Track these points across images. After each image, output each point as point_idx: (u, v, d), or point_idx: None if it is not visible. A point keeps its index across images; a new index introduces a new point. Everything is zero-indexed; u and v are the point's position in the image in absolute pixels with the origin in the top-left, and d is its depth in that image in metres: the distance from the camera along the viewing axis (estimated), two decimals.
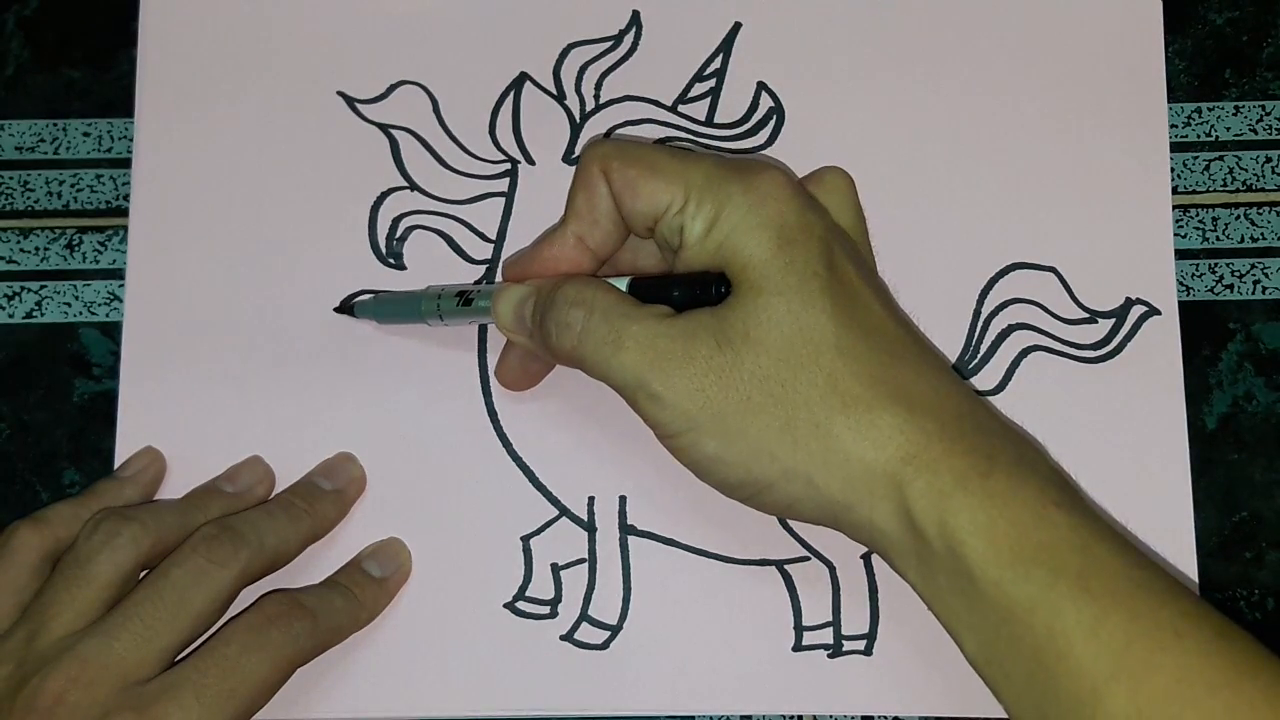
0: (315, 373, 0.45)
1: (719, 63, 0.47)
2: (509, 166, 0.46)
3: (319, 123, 0.47)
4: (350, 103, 0.47)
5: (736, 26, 0.47)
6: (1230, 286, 0.46)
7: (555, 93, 0.47)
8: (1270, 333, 0.46)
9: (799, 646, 0.43)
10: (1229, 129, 0.47)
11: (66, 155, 0.48)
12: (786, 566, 0.43)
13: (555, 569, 0.43)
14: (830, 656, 0.43)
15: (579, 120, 0.47)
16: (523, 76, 0.47)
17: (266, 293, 0.45)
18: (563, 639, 0.43)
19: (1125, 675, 0.33)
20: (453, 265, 0.46)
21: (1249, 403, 0.45)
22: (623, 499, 0.44)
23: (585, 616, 0.43)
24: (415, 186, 0.46)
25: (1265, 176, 0.47)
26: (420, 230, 0.46)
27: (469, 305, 0.42)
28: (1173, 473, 0.44)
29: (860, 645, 0.43)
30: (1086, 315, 0.45)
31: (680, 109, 0.47)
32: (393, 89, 0.47)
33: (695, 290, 0.38)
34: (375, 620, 0.42)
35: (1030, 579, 0.34)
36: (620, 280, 0.39)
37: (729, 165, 0.38)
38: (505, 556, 0.43)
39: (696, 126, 0.46)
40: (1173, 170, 0.46)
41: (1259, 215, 0.47)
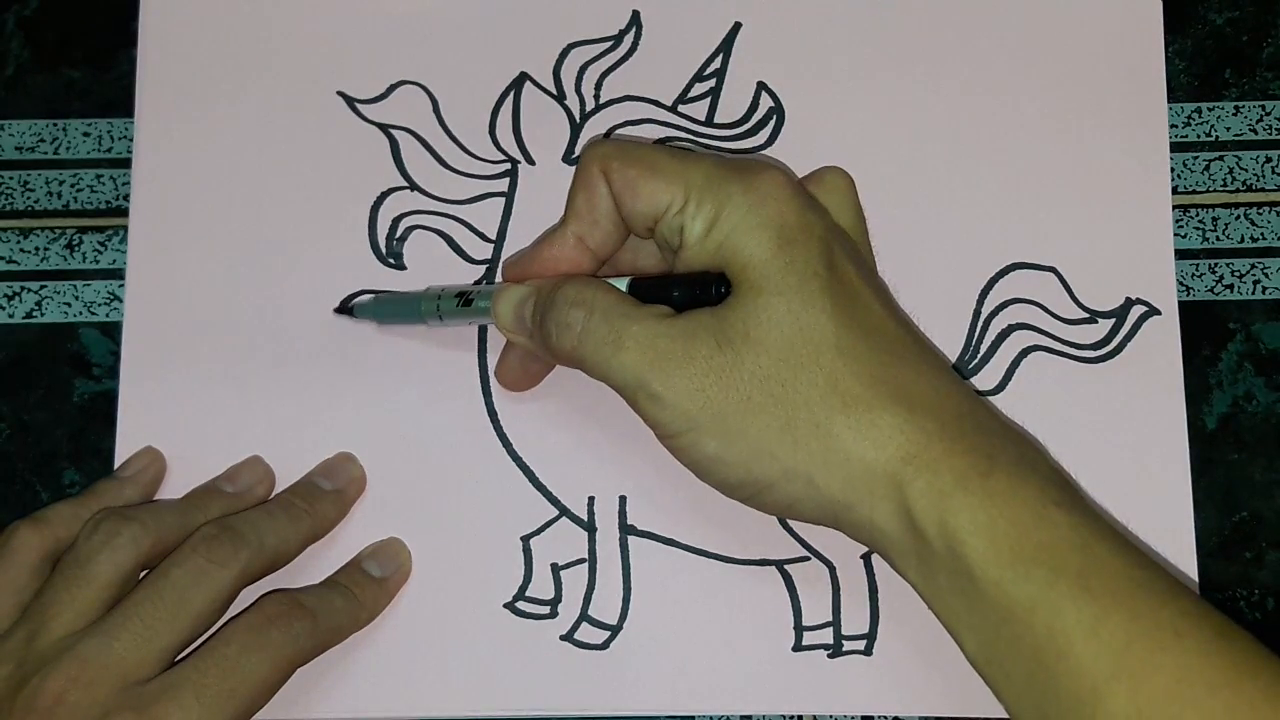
0: (315, 373, 0.45)
1: (719, 63, 0.47)
2: (509, 166, 0.46)
3: (319, 123, 0.47)
4: (350, 103, 0.47)
5: (736, 26, 0.47)
6: (1230, 286, 0.46)
7: (555, 93, 0.47)
8: (1270, 333, 0.46)
9: (799, 646, 0.43)
10: (1229, 129, 0.47)
11: (66, 155, 0.48)
12: (786, 566, 0.43)
13: (555, 569, 0.43)
14: (830, 656, 0.43)
15: (579, 120, 0.47)
16: (523, 76, 0.47)
17: (266, 293, 0.45)
18: (563, 639, 0.43)
19: (1125, 675, 0.33)
20: (453, 265, 0.46)
21: (1249, 403, 0.45)
22: (623, 499, 0.44)
23: (585, 616, 0.43)
24: (415, 186, 0.46)
25: (1265, 176, 0.47)
26: (420, 230, 0.46)
27: (469, 306, 0.42)
28: (1173, 473, 0.44)
29: (860, 645, 0.43)
30: (1086, 315, 0.45)
31: (680, 109, 0.47)
32: (393, 89, 0.47)
33: (695, 290, 0.38)
34: (375, 620, 0.42)
35: (1030, 578, 0.34)
36: (620, 280, 0.39)
37: (729, 165, 0.38)
38: (505, 556, 0.43)
39: (696, 126, 0.46)
40: (1173, 170, 0.46)
41: (1259, 215, 0.46)
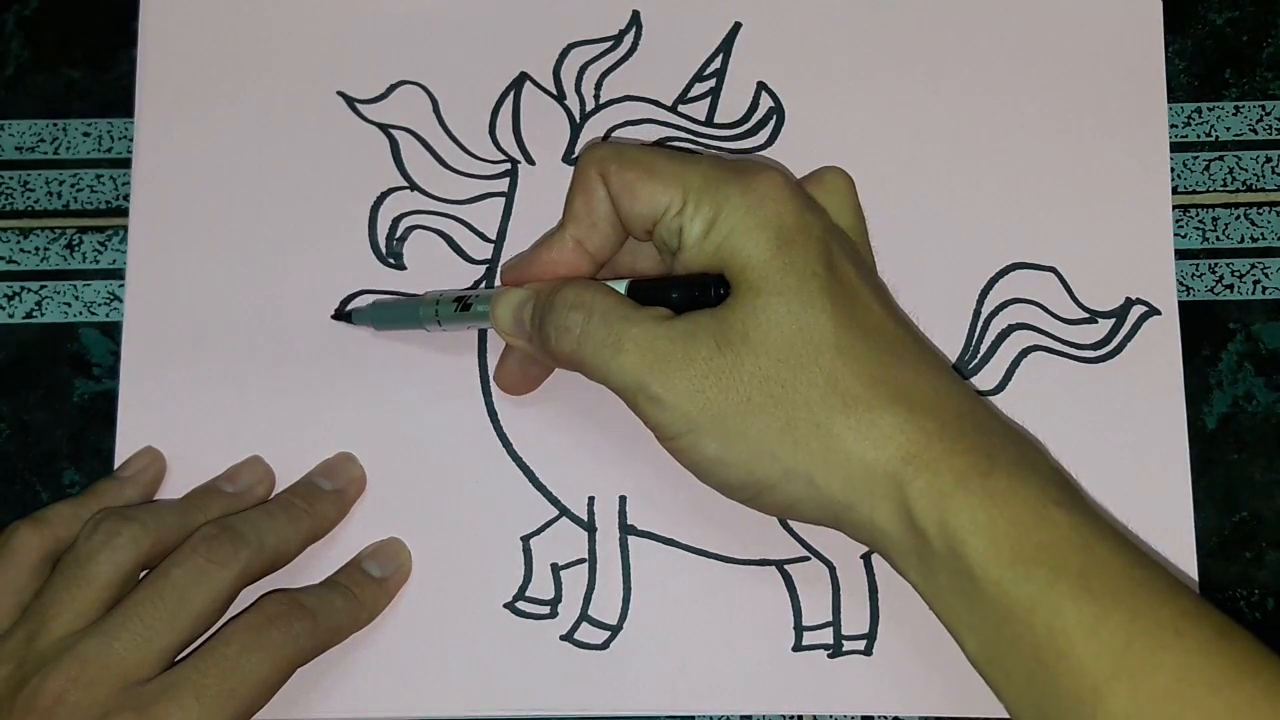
0: (315, 373, 0.45)
1: (719, 63, 0.47)
2: (509, 166, 0.46)
3: (319, 123, 0.47)
4: (350, 103, 0.47)
5: (736, 26, 0.47)
6: (1230, 286, 0.46)
7: (555, 93, 0.47)
8: (1270, 333, 0.46)
9: (799, 646, 0.43)
10: (1229, 129, 0.47)
11: (66, 155, 0.48)
12: (786, 566, 0.43)
13: (555, 569, 0.43)
14: (830, 656, 0.43)
15: (579, 120, 0.47)
16: (523, 76, 0.47)
17: (266, 293, 0.45)
18: (563, 639, 0.43)
19: (1126, 674, 0.33)
20: (453, 265, 0.46)
21: (1249, 403, 0.45)
22: (623, 499, 0.44)
23: (585, 616, 0.43)
24: (415, 186, 0.46)
25: (1265, 176, 0.47)
26: (420, 230, 0.46)
27: (467, 311, 0.42)
28: (1173, 473, 0.44)
29: (860, 645, 0.43)
30: (1086, 315, 0.45)
31: (680, 109, 0.47)
32: (393, 89, 0.47)
33: (694, 292, 0.38)
34: (375, 620, 0.42)
35: (1031, 578, 0.34)
36: (619, 283, 0.39)
37: (727, 166, 0.38)
38: (505, 556, 0.43)
39: (696, 127, 0.46)
40: (1173, 170, 0.46)
41: (1259, 215, 0.46)
